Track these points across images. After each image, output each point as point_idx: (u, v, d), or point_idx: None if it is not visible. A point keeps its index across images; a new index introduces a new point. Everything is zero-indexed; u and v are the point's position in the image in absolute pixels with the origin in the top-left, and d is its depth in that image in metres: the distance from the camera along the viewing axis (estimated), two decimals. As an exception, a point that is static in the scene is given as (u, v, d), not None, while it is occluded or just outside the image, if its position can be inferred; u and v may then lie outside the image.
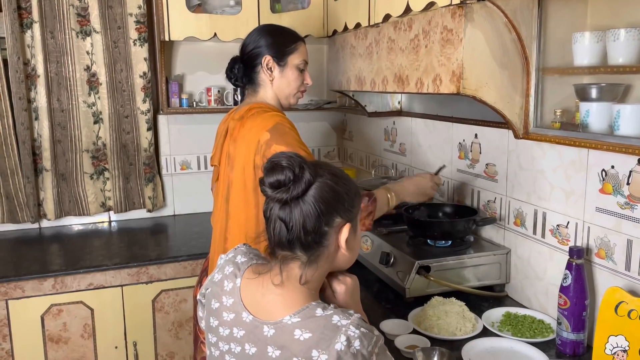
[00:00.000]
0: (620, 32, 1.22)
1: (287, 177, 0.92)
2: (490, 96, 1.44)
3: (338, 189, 0.97)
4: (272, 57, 1.61)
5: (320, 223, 0.95)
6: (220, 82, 2.81)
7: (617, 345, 1.26)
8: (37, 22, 2.40)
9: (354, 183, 1.04)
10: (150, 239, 2.56)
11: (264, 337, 0.94)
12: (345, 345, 0.88)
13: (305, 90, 1.72)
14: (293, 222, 0.94)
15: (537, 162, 1.61)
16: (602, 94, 1.30)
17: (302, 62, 1.66)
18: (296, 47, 1.64)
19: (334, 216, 0.97)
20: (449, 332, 1.48)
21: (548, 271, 1.60)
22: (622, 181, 1.32)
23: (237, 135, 1.56)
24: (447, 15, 1.43)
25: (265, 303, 0.97)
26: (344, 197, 0.98)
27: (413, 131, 2.38)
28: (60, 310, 2.13)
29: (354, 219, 1.01)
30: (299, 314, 0.93)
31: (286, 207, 0.94)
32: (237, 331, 0.99)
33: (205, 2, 2.68)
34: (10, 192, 2.52)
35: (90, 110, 2.60)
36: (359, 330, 0.90)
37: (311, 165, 0.95)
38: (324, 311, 0.93)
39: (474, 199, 1.95)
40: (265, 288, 0.99)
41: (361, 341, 0.89)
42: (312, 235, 0.95)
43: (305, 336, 0.91)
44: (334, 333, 0.89)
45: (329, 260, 1.00)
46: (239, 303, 1.00)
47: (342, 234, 0.98)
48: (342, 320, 0.91)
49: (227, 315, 1.01)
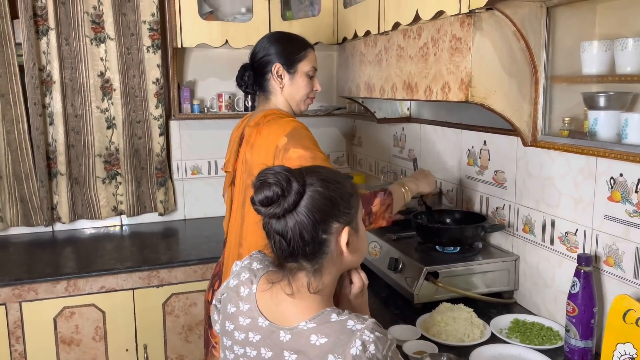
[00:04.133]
0: (629, 41, 1.23)
1: (274, 193, 0.92)
2: (499, 104, 1.45)
3: (330, 194, 0.96)
4: (282, 64, 1.63)
5: (317, 232, 0.95)
6: (231, 88, 2.84)
7: (625, 353, 1.25)
8: (53, 29, 2.45)
9: (349, 183, 1.03)
10: (161, 242, 2.59)
11: (280, 342, 0.96)
12: (361, 349, 0.89)
13: (315, 97, 1.74)
14: (290, 234, 0.94)
15: (546, 170, 1.62)
16: (610, 103, 1.30)
17: (311, 69, 1.67)
18: (305, 55, 1.66)
19: (331, 222, 0.96)
20: (457, 338, 1.49)
21: (556, 278, 1.60)
22: (631, 189, 1.33)
23: (254, 141, 1.57)
24: (456, 24, 1.45)
25: (280, 311, 0.99)
26: (338, 201, 0.97)
27: (422, 137, 2.39)
28: (73, 312, 2.16)
29: (352, 220, 1.01)
30: (315, 320, 0.95)
31: (281, 221, 0.95)
32: (253, 335, 1.00)
33: (217, 10, 2.72)
34: (25, 196, 2.56)
35: (104, 116, 2.64)
36: (374, 335, 0.91)
37: (299, 176, 0.95)
38: (339, 316, 0.95)
39: (483, 206, 1.95)
40: (278, 298, 1.00)
41: (376, 345, 0.90)
42: (311, 245, 0.96)
43: (321, 341, 0.92)
44: (349, 337, 0.90)
45: (335, 265, 1.01)
46: (255, 309, 1.01)
47: (341, 238, 0.98)
48: (357, 325, 0.92)
49: (244, 320, 1.02)
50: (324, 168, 1.04)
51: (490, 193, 1.91)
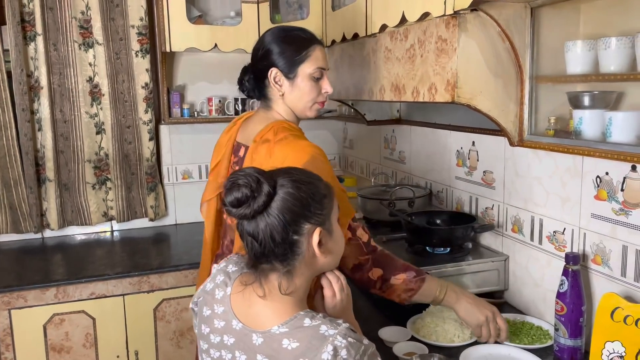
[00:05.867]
0: (612, 40, 1.24)
1: (244, 194, 0.93)
2: (485, 104, 1.45)
3: (301, 195, 0.96)
4: (279, 69, 1.43)
5: (288, 233, 0.95)
6: (221, 92, 2.84)
7: (613, 351, 1.26)
8: (41, 34, 2.44)
9: (323, 184, 1.02)
10: (152, 248, 2.57)
11: (253, 346, 0.96)
12: (332, 354, 0.89)
13: (325, 100, 1.51)
14: (261, 235, 0.95)
15: (533, 169, 1.62)
16: (594, 102, 1.31)
17: (316, 70, 1.45)
18: (308, 54, 1.44)
19: (302, 223, 0.96)
20: (447, 339, 1.49)
21: (545, 277, 1.61)
22: (617, 187, 1.33)
23: (262, 161, 1.33)
24: (442, 26, 1.45)
25: (253, 313, 0.99)
26: (310, 203, 0.97)
27: (412, 139, 2.39)
28: (63, 319, 2.14)
29: (325, 222, 1.00)
30: (287, 324, 0.95)
31: (252, 222, 0.96)
32: (228, 338, 1.00)
33: (205, 14, 2.72)
34: (14, 203, 2.54)
35: (93, 121, 2.63)
36: (346, 340, 0.91)
37: (269, 178, 0.96)
38: (312, 321, 0.95)
39: (472, 206, 1.96)
40: (251, 300, 1.00)
41: (348, 351, 0.90)
42: (282, 245, 0.96)
43: (293, 345, 0.92)
44: (321, 343, 0.90)
45: (308, 267, 1.01)
46: (229, 311, 1.02)
47: (313, 239, 0.98)
48: (330, 330, 0.92)
49: (218, 322, 1.02)
50: (297, 169, 1.04)
51: (480, 193, 1.91)
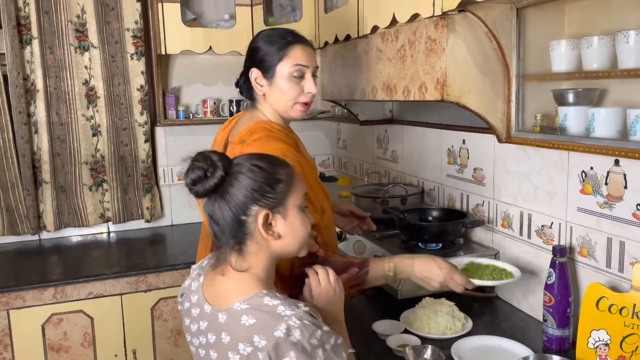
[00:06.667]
0: (594, 39, 1.28)
1: (197, 175, 1.01)
2: (474, 102, 1.49)
3: (253, 177, 1.02)
4: (259, 69, 1.45)
5: (237, 213, 1.01)
6: (216, 93, 2.87)
7: (599, 339, 1.30)
8: (36, 38, 2.47)
9: (283, 170, 1.06)
10: (149, 248, 2.60)
11: (220, 324, 1.01)
12: (285, 333, 0.93)
13: (310, 100, 1.47)
14: (216, 215, 1.03)
15: (522, 166, 1.67)
16: (578, 99, 1.36)
17: (295, 68, 1.42)
18: (285, 53, 1.42)
19: (250, 205, 1.01)
20: (439, 331, 1.52)
21: (535, 271, 1.65)
22: (601, 181, 1.38)
23: None
24: (431, 26, 1.50)
25: (218, 292, 1.05)
26: (261, 186, 1.02)
27: (404, 138, 2.43)
28: (61, 319, 2.16)
29: (277, 206, 1.04)
30: (248, 301, 0.99)
31: (209, 203, 1.04)
32: (202, 323, 1.05)
33: (200, 17, 2.75)
34: (11, 205, 2.56)
35: (89, 124, 2.66)
36: (302, 322, 0.94)
37: (225, 160, 1.03)
38: (272, 300, 0.99)
39: (464, 203, 2.00)
40: (214, 279, 1.07)
41: (302, 332, 0.93)
42: (233, 225, 1.02)
43: (250, 322, 0.96)
44: (276, 321, 0.94)
45: (262, 247, 1.05)
46: (201, 298, 1.07)
47: (258, 221, 1.02)
48: (287, 311, 0.96)
49: (195, 311, 1.08)
50: (264, 156, 1.09)
51: (470, 190, 1.95)
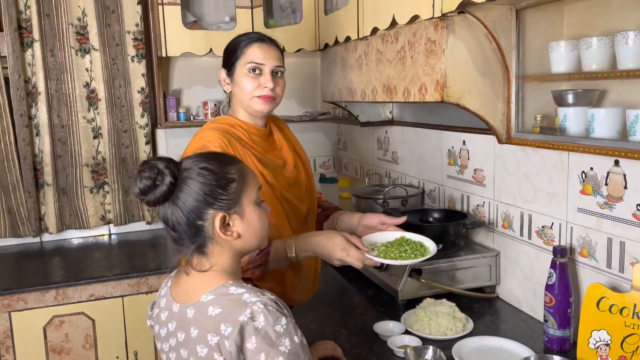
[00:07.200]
0: (593, 40, 1.29)
1: (145, 185, 0.99)
2: (473, 103, 1.50)
3: (204, 181, 1.00)
4: (224, 69, 1.58)
5: (192, 219, 1.01)
6: (217, 96, 2.87)
7: (600, 340, 1.30)
8: (38, 40, 2.48)
9: (235, 169, 1.05)
10: (150, 250, 2.60)
11: (188, 320, 1.01)
12: (249, 317, 0.93)
13: (269, 95, 1.51)
14: (171, 221, 1.02)
15: (522, 166, 1.67)
16: (578, 99, 1.36)
17: (250, 65, 1.51)
18: (242, 52, 1.53)
19: (204, 209, 1.01)
20: (440, 332, 1.52)
21: (535, 271, 1.65)
22: (601, 182, 1.38)
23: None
24: (430, 28, 1.50)
25: (186, 290, 1.05)
26: (213, 189, 1.01)
27: (405, 140, 2.44)
28: (62, 321, 2.17)
29: (233, 206, 1.03)
30: (214, 292, 1.00)
31: (162, 209, 1.03)
32: (171, 325, 1.06)
33: (200, 19, 2.76)
34: (12, 207, 2.57)
35: (90, 126, 2.66)
36: (266, 308, 0.95)
37: (173, 166, 1.01)
38: (238, 289, 0.99)
39: (464, 204, 2.00)
40: (180, 279, 1.08)
41: (266, 317, 0.94)
42: (190, 230, 1.02)
43: (216, 311, 0.97)
44: (240, 308, 0.95)
45: (224, 247, 1.04)
46: (170, 300, 1.08)
47: (215, 224, 1.02)
48: (252, 298, 0.96)
49: (164, 314, 1.09)
50: (212, 155, 1.08)
51: (471, 191, 1.96)
